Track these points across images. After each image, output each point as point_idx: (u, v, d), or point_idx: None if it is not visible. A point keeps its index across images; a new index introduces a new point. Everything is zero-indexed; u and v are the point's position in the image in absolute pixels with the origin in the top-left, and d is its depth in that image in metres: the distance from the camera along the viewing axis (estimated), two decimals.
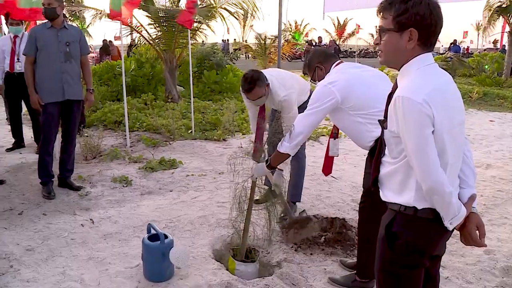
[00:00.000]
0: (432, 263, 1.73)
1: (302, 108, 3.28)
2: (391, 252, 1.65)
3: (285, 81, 3.57)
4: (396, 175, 1.63)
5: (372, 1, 8.09)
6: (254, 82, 3.32)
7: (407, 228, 1.62)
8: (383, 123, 1.66)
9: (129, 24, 8.48)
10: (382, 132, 1.69)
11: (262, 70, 3.56)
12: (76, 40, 4.14)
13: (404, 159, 1.58)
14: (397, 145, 1.59)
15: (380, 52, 1.63)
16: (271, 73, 3.60)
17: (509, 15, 14.71)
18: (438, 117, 1.47)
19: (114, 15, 5.81)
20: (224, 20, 9.43)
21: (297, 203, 3.90)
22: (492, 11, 15.56)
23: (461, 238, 1.66)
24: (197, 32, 9.23)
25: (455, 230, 1.63)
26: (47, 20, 4.06)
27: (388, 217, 1.68)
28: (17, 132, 5.81)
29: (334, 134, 3.01)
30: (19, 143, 5.82)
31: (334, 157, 3.15)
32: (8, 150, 5.71)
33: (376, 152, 1.76)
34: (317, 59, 2.77)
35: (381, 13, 1.59)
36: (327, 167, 3.19)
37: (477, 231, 1.62)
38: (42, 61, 4.01)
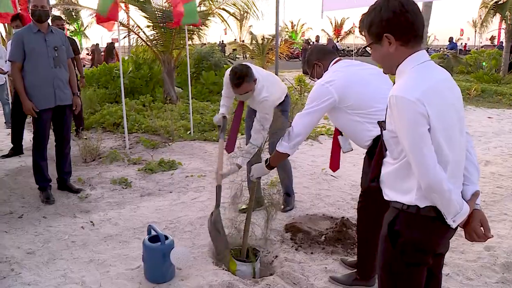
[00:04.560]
0: (435, 261, 1.73)
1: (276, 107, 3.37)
2: (393, 250, 1.66)
3: (270, 85, 3.51)
4: (397, 175, 1.64)
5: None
6: (243, 78, 3.26)
7: (409, 226, 1.62)
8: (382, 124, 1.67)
9: (127, 25, 8.47)
10: (382, 133, 1.69)
11: (251, 65, 3.46)
12: (63, 44, 4.10)
13: (404, 159, 1.58)
14: (397, 145, 1.60)
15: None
16: (260, 73, 3.54)
17: (505, 12, 14.70)
18: (433, 116, 1.47)
19: (101, 20, 5.75)
20: (225, 21, 9.42)
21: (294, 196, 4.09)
22: (488, 8, 15.56)
23: (466, 235, 1.66)
24: (195, 33, 9.23)
25: (459, 227, 1.63)
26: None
27: (390, 215, 1.68)
28: (17, 138, 5.63)
29: (339, 131, 2.98)
30: (17, 150, 5.62)
31: (340, 154, 3.12)
32: (4, 156, 5.53)
33: (376, 153, 1.76)
34: (316, 56, 2.75)
35: (361, 33, 1.69)
36: (335, 163, 3.14)
37: (481, 228, 1.62)
38: (32, 67, 3.90)
